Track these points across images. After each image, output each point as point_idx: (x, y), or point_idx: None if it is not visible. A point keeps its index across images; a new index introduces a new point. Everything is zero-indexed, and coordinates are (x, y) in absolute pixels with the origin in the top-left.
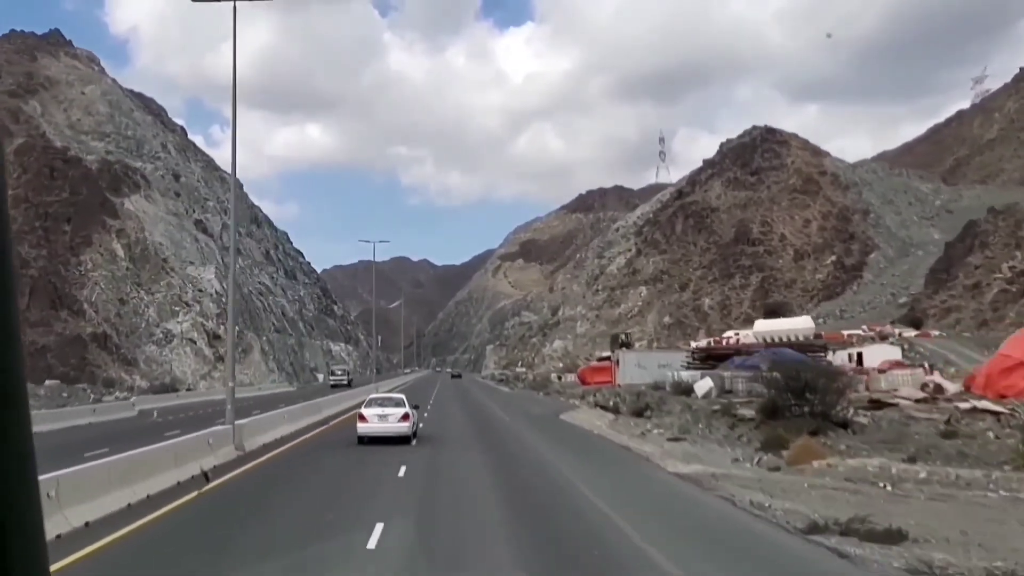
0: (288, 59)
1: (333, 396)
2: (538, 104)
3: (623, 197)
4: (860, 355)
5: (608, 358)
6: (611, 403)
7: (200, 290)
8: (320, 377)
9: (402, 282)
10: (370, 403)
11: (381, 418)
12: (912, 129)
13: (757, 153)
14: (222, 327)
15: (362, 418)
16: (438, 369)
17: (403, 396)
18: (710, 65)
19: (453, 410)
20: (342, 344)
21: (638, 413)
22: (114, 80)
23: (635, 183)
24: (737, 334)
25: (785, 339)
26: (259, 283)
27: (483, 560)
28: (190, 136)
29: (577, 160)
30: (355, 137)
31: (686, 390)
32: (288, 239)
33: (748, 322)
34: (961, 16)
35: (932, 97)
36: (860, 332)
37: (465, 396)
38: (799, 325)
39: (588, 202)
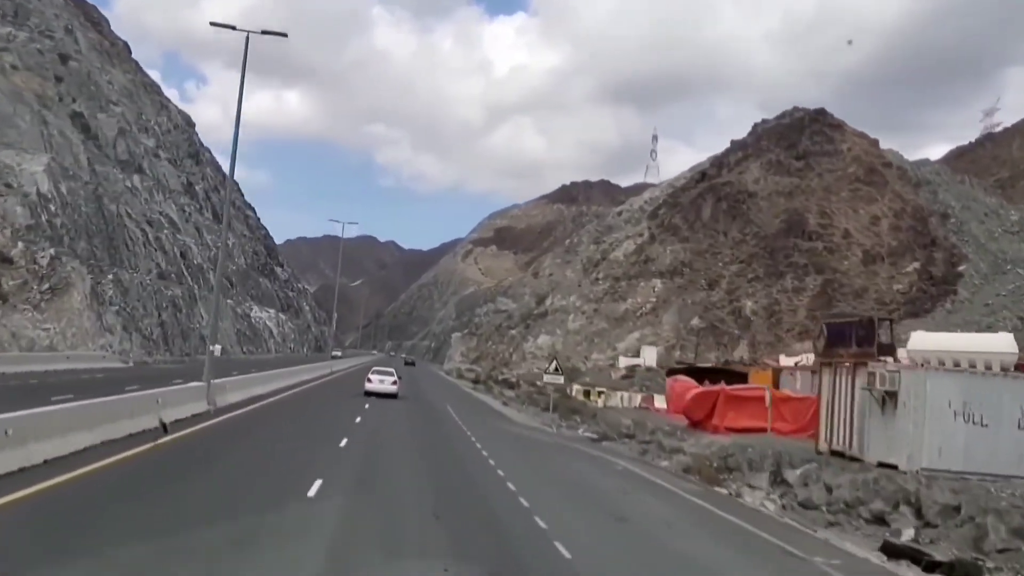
0: (272, 22)
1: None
2: (520, 98)
3: (609, 192)
4: None
5: (735, 372)
6: None
7: (8, 184)
8: (217, 349)
9: (366, 261)
10: (374, 372)
11: (380, 381)
12: None
13: (804, 135)
14: (25, 246)
15: (369, 380)
16: (392, 354)
17: (393, 369)
18: (695, 78)
19: None
20: (271, 311)
21: None
22: None
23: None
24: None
25: (972, 364)
26: (158, 212)
27: None
28: (165, 90)
29: (554, 160)
30: (332, 110)
31: None
32: (239, 190)
33: (804, 335)
34: (947, 60)
35: (911, 136)
36: None
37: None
38: (994, 345)
39: (571, 194)
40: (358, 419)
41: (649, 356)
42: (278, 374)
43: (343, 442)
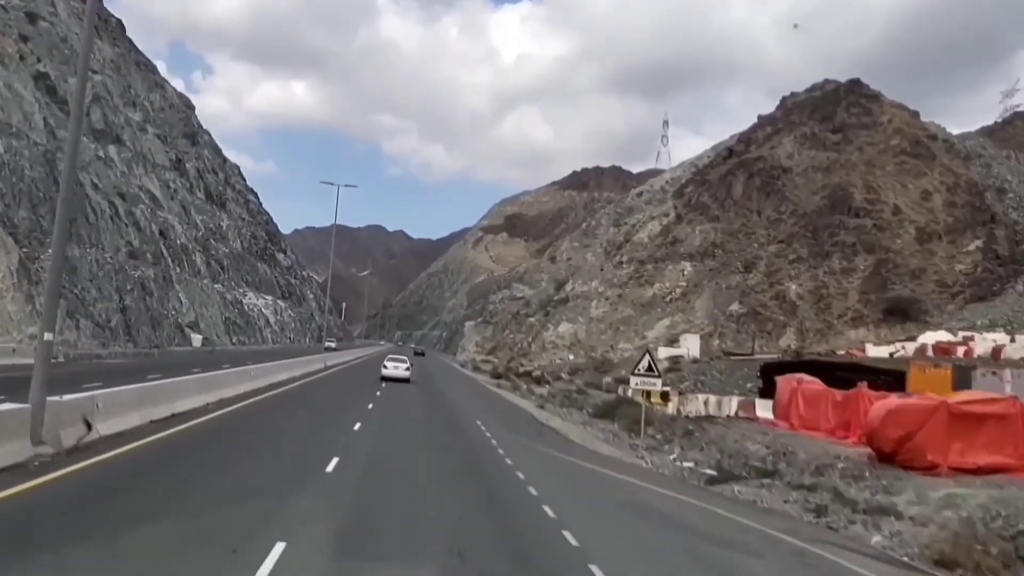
0: (278, 11)
1: None
2: (527, 87)
3: (620, 178)
4: None
5: (870, 368)
6: None
7: None
8: (197, 340)
9: (376, 251)
10: (389, 359)
11: (395, 368)
12: None
13: (841, 108)
14: None
15: (384, 367)
16: (401, 343)
17: (406, 357)
18: (703, 66)
19: None
20: (269, 298)
21: None
22: None
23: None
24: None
25: None
26: (136, 186)
27: None
28: (171, 80)
29: (562, 149)
30: (340, 100)
31: None
32: (240, 174)
33: (858, 321)
34: (957, 45)
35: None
36: None
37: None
38: None
39: (582, 180)
40: (330, 467)
41: (692, 345)
42: (233, 375)
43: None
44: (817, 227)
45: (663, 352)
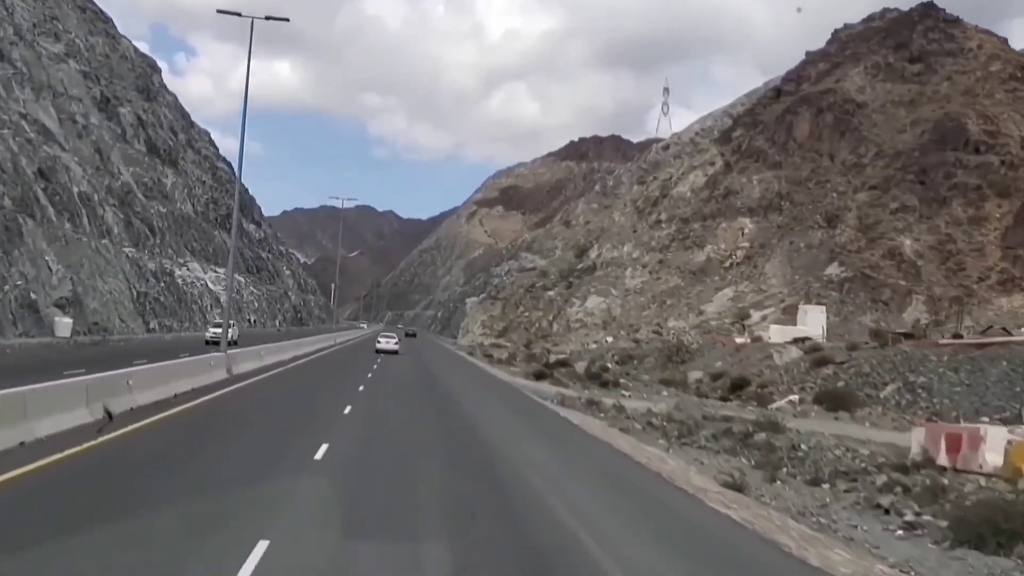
0: None
1: None
2: (514, 63)
3: (620, 148)
4: None
5: None
6: None
7: None
8: (64, 326)
9: (365, 232)
10: (381, 335)
11: (386, 342)
12: None
13: (917, 34)
14: None
15: (378, 341)
16: (399, 326)
17: (395, 333)
18: (692, 40)
19: None
20: (220, 271)
21: None
22: None
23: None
24: None
25: None
26: (17, 111)
27: None
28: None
29: (549, 125)
30: (324, 80)
31: None
32: (212, 142)
33: (1011, 285)
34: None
35: None
36: None
37: None
38: None
39: (581, 150)
40: None
41: (813, 322)
42: None
43: None
44: (926, 167)
45: (778, 333)
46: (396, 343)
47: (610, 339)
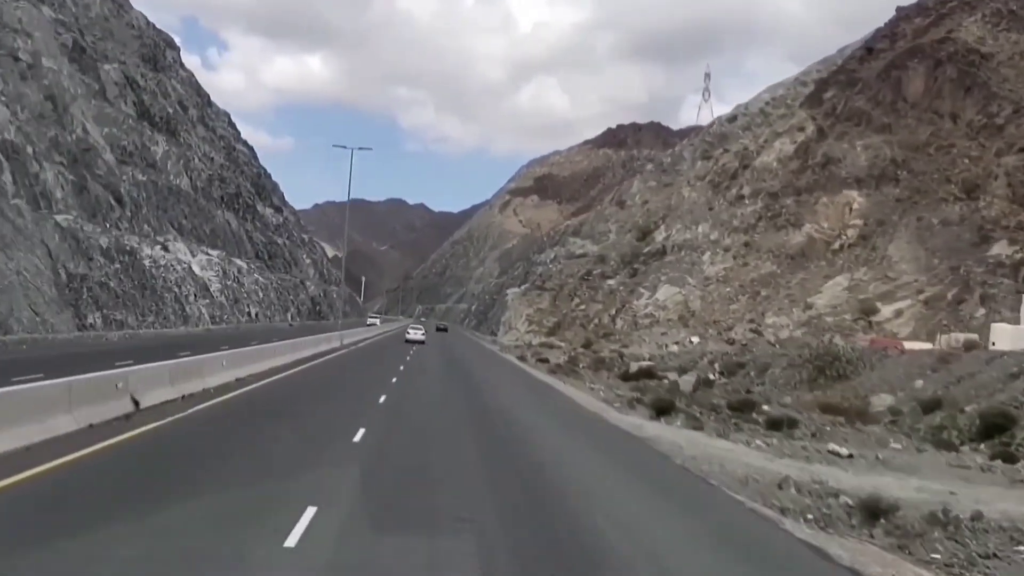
0: None
1: None
2: (544, 56)
3: (660, 134)
4: None
5: None
6: None
7: None
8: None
9: (396, 225)
10: (411, 327)
11: (415, 332)
12: None
13: None
14: None
15: (408, 333)
16: (424, 319)
17: (422, 325)
18: (723, 31)
19: None
20: (213, 254)
21: None
22: None
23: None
24: None
25: None
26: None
27: None
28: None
29: (579, 119)
30: (355, 73)
31: None
32: (232, 123)
33: None
34: None
35: None
36: None
37: None
38: None
39: (619, 137)
40: None
41: None
42: None
43: None
44: None
45: (1000, 335)
46: (423, 334)
47: (695, 339)
